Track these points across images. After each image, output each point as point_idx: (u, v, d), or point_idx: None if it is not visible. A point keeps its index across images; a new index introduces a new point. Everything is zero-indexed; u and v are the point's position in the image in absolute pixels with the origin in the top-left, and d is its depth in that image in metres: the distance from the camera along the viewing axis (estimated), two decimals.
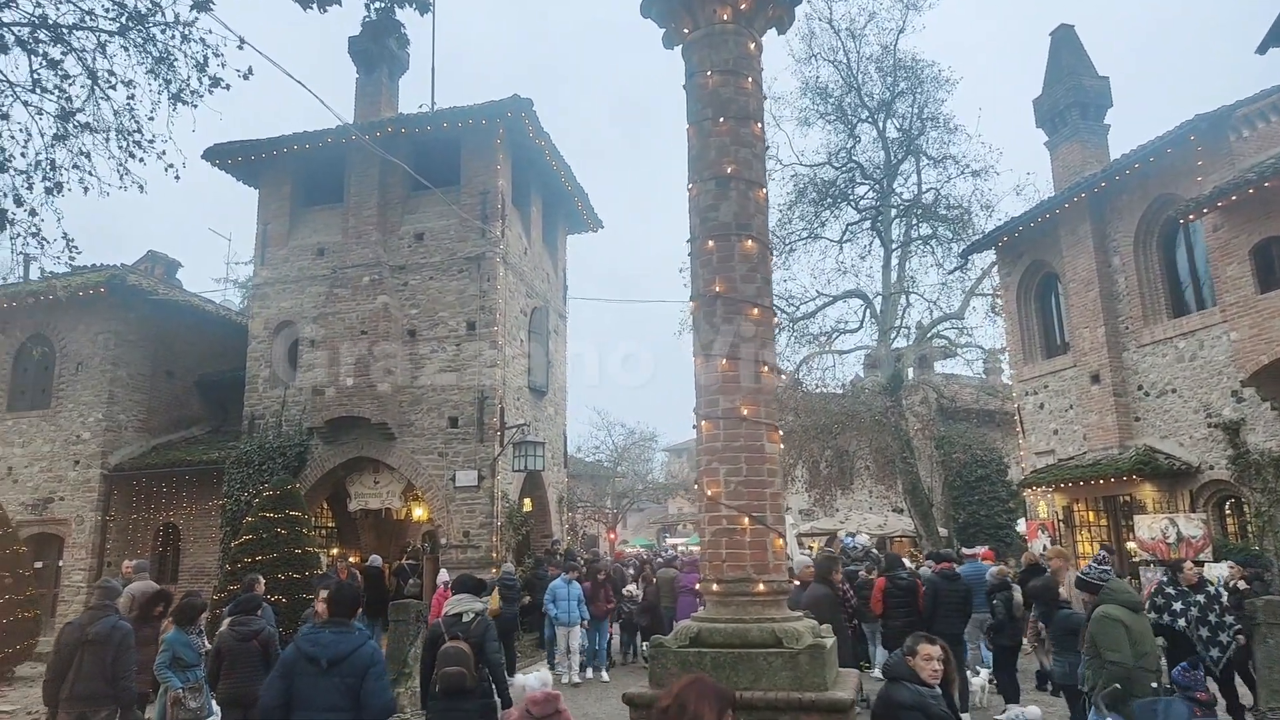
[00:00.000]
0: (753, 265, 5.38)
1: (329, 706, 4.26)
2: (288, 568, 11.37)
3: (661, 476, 61.73)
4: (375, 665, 4.41)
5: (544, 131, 16.53)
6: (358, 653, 4.37)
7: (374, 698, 4.31)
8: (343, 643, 4.41)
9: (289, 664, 4.43)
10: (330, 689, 4.27)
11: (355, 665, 4.32)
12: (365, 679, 4.30)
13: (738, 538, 4.96)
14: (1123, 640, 4.96)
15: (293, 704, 4.31)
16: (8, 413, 17.63)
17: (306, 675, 4.32)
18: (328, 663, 4.31)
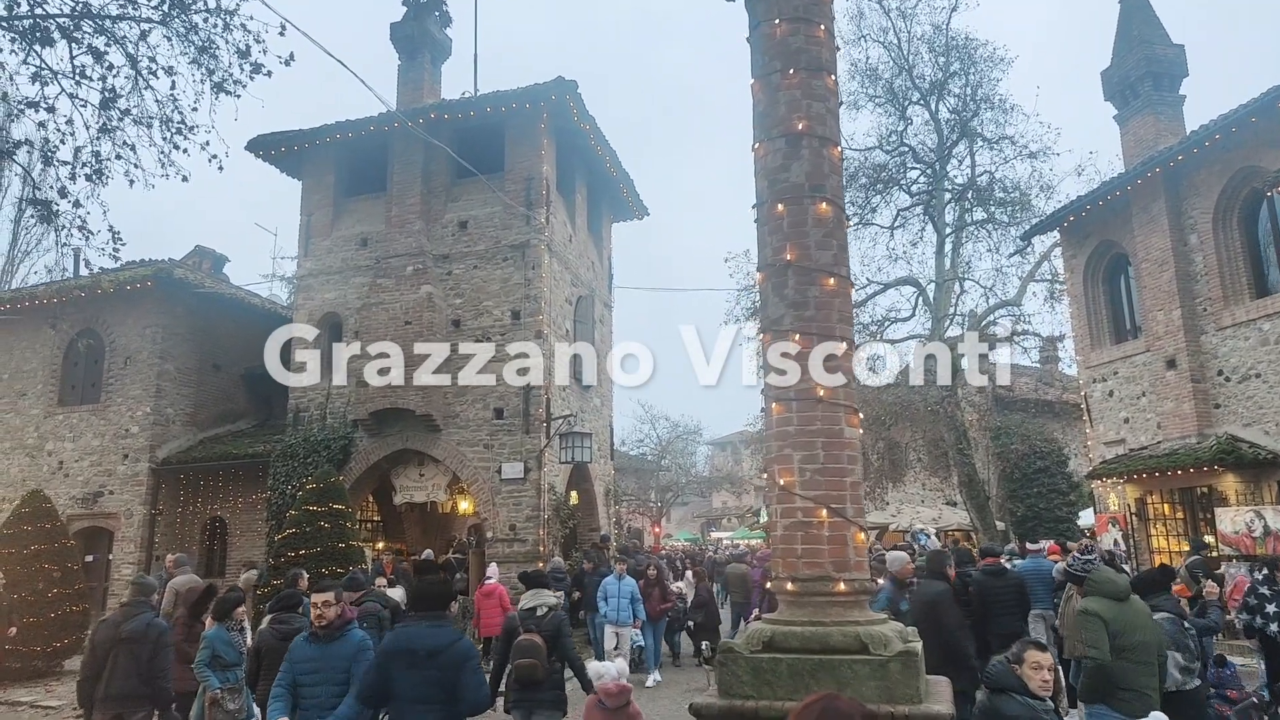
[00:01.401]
0: (828, 230, 4.87)
1: (425, 699, 4.34)
2: (331, 562, 11.11)
3: (705, 470, 61.17)
4: (470, 659, 4.46)
5: (588, 115, 16.10)
6: (454, 646, 4.44)
7: (471, 691, 4.36)
8: (439, 636, 4.48)
9: (385, 657, 4.51)
10: (426, 681, 4.33)
11: (451, 658, 4.37)
12: (461, 672, 4.35)
13: (814, 531, 4.46)
14: (1099, 635, 4.87)
15: (390, 695, 4.43)
16: (58, 407, 17.76)
17: (403, 668, 4.39)
18: (425, 655, 4.37)
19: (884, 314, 25.33)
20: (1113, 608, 5.05)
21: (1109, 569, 5.99)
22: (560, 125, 16.22)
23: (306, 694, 5.00)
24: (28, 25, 8.55)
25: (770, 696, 4.08)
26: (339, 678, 5.01)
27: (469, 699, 4.36)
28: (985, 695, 3.89)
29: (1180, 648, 5.57)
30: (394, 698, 4.41)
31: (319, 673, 5.03)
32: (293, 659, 5.12)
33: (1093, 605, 5.05)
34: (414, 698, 4.33)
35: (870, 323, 24.75)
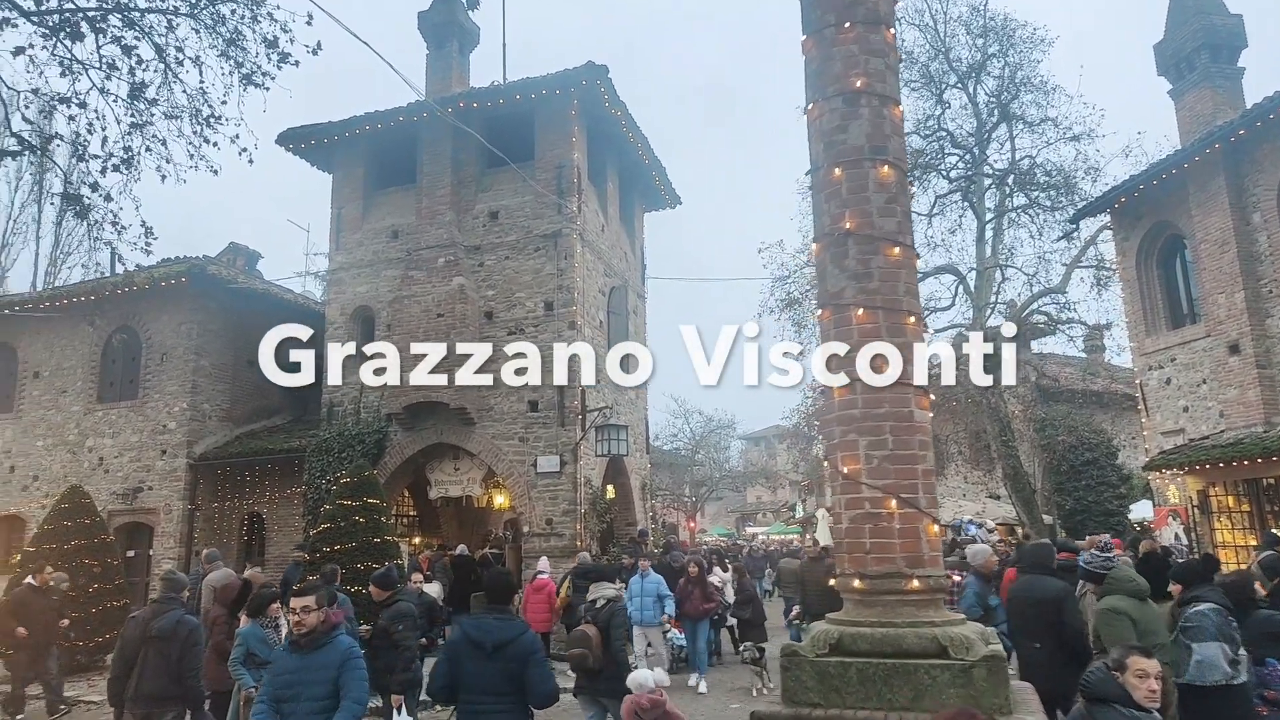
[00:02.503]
0: (890, 195, 4.48)
1: (493, 690, 4.39)
2: (366, 557, 10.90)
3: (739, 465, 60.62)
4: (537, 652, 4.53)
5: (620, 101, 15.74)
6: (521, 639, 4.49)
7: (538, 683, 4.41)
8: (506, 629, 4.53)
9: (454, 648, 4.61)
10: (494, 673, 4.39)
11: (519, 651, 4.42)
12: (529, 664, 4.41)
13: (884, 524, 4.08)
14: (1127, 634, 4.68)
15: (458, 687, 4.48)
16: (98, 404, 17.83)
17: (471, 660, 4.45)
18: (493, 647, 4.42)
19: (923, 303, 24.69)
20: (1137, 606, 4.86)
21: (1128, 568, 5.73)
22: (591, 112, 15.90)
23: (286, 710, 4.47)
24: (57, 20, 8.45)
25: (839, 704, 3.72)
26: (322, 690, 4.47)
27: (536, 691, 4.42)
28: (1083, 706, 3.49)
29: (1226, 640, 5.18)
30: (463, 689, 4.46)
31: (300, 685, 4.48)
32: (273, 670, 4.69)
33: (1119, 604, 4.85)
34: (483, 689, 4.38)
35: None
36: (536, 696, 4.45)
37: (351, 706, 4.43)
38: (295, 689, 4.46)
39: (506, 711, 4.43)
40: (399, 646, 6.66)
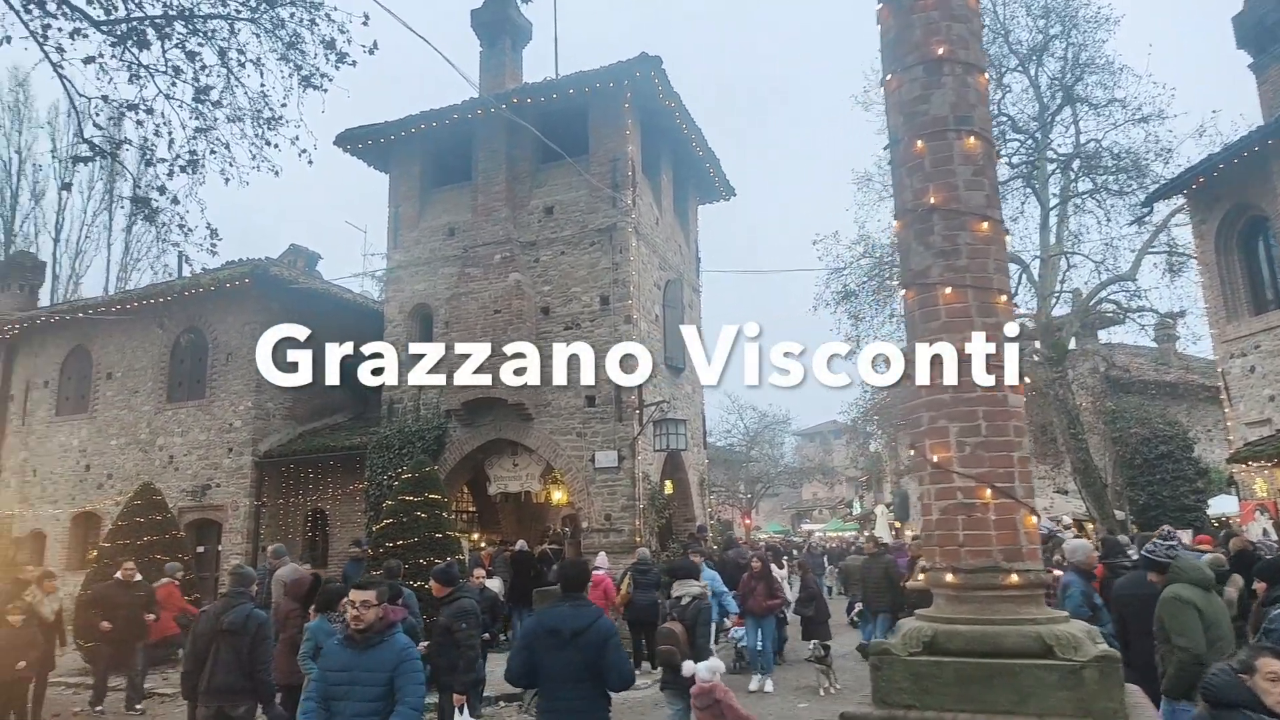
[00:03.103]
0: (977, 168, 4.23)
1: (571, 677, 4.47)
2: (428, 552, 10.90)
3: (794, 461, 59.96)
4: (612, 638, 4.58)
5: (674, 92, 15.56)
6: (596, 626, 4.55)
7: (615, 669, 4.47)
8: (581, 617, 4.60)
9: (530, 636, 4.69)
10: (571, 660, 4.46)
11: (594, 638, 4.49)
12: (604, 651, 4.46)
13: (978, 515, 3.84)
14: (1193, 624, 4.49)
15: (536, 674, 4.58)
16: (167, 404, 18.29)
17: (548, 648, 4.52)
18: (570, 634, 4.49)
19: None
20: (1203, 596, 4.62)
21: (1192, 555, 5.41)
22: (644, 105, 15.75)
23: (336, 708, 4.28)
24: (125, 29, 8.61)
25: (934, 706, 3.50)
26: (375, 691, 4.25)
27: (613, 676, 4.48)
28: (1205, 711, 3.22)
29: None
30: (542, 677, 4.57)
31: (353, 685, 4.28)
32: (324, 666, 4.44)
33: (1185, 592, 4.58)
34: (561, 676, 4.48)
35: None
36: (613, 681, 4.52)
37: (407, 713, 4.22)
38: (347, 687, 4.28)
39: (584, 697, 4.50)
40: (461, 645, 6.50)
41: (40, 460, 19.85)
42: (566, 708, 4.51)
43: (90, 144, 10.09)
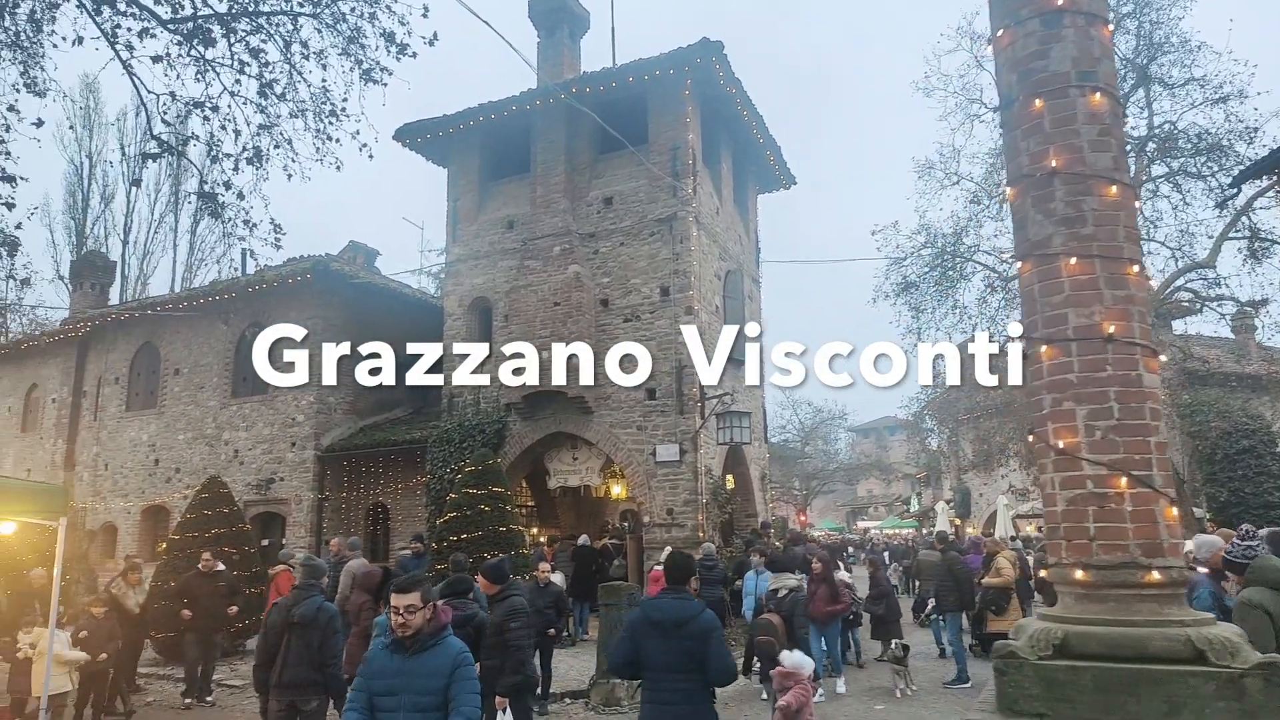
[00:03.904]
0: (1103, 127, 3.86)
1: (674, 668, 4.49)
2: (492, 546, 10.80)
3: (848, 457, 59.01)
4: (716, 630, 4.59)
5: (735, 78, 15.21)
6: (699, 618, 4.57)
7: (718, 660, 4.48)
8: (684, 608, 4.63)
9: (634, 627, 4.73)
10: (675, 651, 4.50)
11: (698, 629, 4.51)
12: (708, 643, 4.48)
13: (1111, 506, 3.49)
14: (1263, 628, 4.17)
15: (639, 665, 4.63)
16: (232, 399, 18.56)
17: (652, 638, 4.57)
18: (673, 625, 4.52)
19: None
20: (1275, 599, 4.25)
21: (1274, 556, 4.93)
22: (705, 92, 15.43)
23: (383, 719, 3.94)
24: (191, 27, 8.68)
25: (1070, 716, 3.17)
26: (428, 701, 3.88)
27: (716, 668, 4.48)
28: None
29: None
30: (645, 667, 4.60)
31: (402, 693, 3.91)
32: (368, 672, 4.05)
33: (1255, 596, 4.24)
34: (665, 667, 4.50)
35: None
36: (716, 673, 4.52)
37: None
38: (395, 696, 3.90)
39: (687, 689, 4.52)
40: (510, 646, 6.11)
41: (111, 454, 20.35)
42: (669, 698, 4.53)
43: (159, 140, 10.20)
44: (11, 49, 8.34)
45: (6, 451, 22.88)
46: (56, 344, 22.30)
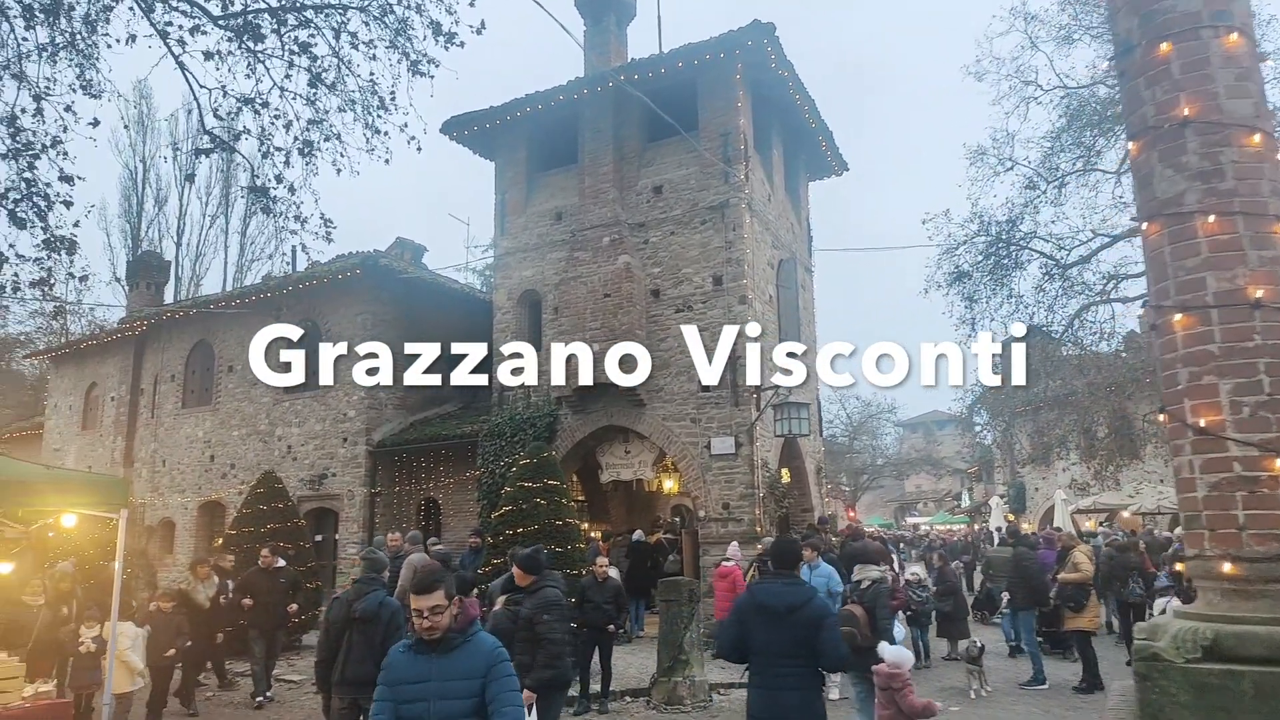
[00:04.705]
0: (1241, 71, 3.47)
1: (784, 653, 4.51)
2: (548, 540, 10.61)
3: (896, 451, 58.02)
4: (827, 616, 4.63)
5: (787, 61, 14.81)
6: (811, 604, 4.60)
7: (830, 647, 4.49)
8: (795, 593, 4.64)
9: (742, 611, 4.75)
10: (786, 637, 4.50)
11: (809, 615, 4.53)
12: (820, 629, 4.49)
13: (1264, 491, 3.11)
14: None
15: (748, 649, 4.65)
16: (285, 395, 18.65)
17: (761, 623, 4.59)
18: (785, 610, 4.52)
19: (1111, 270, 22.32)
20: None
21: None
22: (755, 76, 15.05)
23: None
24: (241, 23, 8.65)
25: None
26: (462, 706, 3.50)
27: (828, 654, 4.50)
28: None
29: None
30: (753, 652, 4.62)
31: (433, 699, 3.51)
32: (390, 679, 3.63)
33: None
34: (775, 652, 4.52)
35: (1096, 280, 21.91)
36: (829, 660, 4.55)
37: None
38: (425, 702, 3.51)
39: (797, 674, 4.51)
40: (542, 640, 5.85)
41: (169, 451, 20.64)
42: (777, 684, 4.53)
43: (211, 135, 10.19)
44: (68, 50, 8.37)
45: (69, 449, 23.38)
46: (114, 343, 22.71)
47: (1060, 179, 21.33)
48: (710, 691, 9.71)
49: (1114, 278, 21.88)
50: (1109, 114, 21.12)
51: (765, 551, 11.74)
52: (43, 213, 8.09)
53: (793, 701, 4.50)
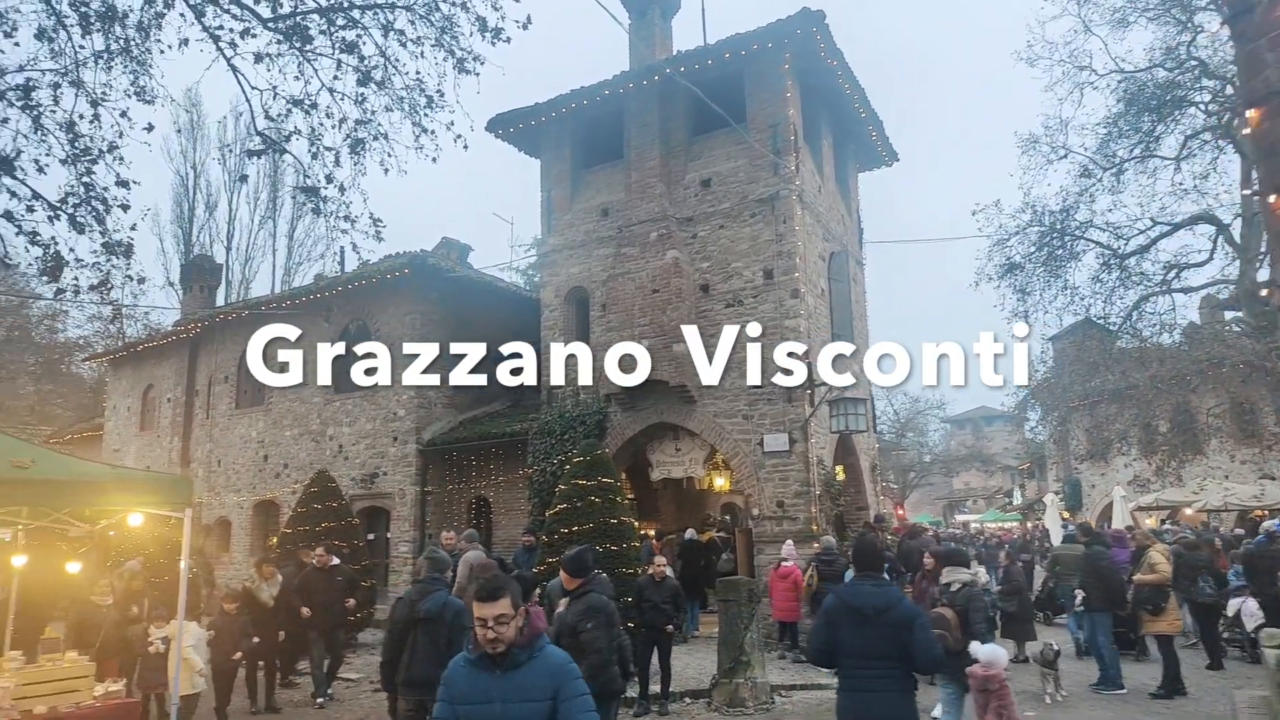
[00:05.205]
0: None
1: (876, 655, 4.45)
2: (604, 538, 10.48)
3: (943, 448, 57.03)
4: (919, 617, 4.58)
5: (836, 49, 14.50)
6: (899, 605, 4.57)
7: (924, 649, 4.44)
8: (885, 595, 4.61)
9: (832, 614, 4.69)
10: (876, 639, 4.46)
11: (900, 617, 4.49)
12: (913, 630, 4.44)
13: None
14: None
15: (837, 652, 4.60)
16: (336, 394, 18.80)
17: (850, 625, 4.54)
18: (874, 612, 4.48)
19: (1170, 259, 21.58)
20: None
21: None
22: (803, 66, 14.77)
23: None
24: (290, 25, 8.69)
25: None
26: None
27: (921, 656, 4.45)
28: None
29: None
30: (842, 655, 4.57)
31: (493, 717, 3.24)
32: (451, 695, 3.35)
33: None
34: (866, 654, 4.46)
35: (1154, 271, 21.20)
36: (922, 661, 4.50)
37: None
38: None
39: (889, 677, 4.46)
40: (586, 649, 5.59)
41: (223, 451, 20.96)
42: (868, 686, 4.47)
43: (263, 136, 10.25)
44: (122, 56, 8.47)
45: (127, 450, 23.89)
46: (170, 345, 23.14)
47: (1118, 166, 20.71)
48: (772, 693, 9.52)
49: (1174, 267, 21.20)
50: (1168, 98, 20.45)
51: (822, 551, 11.54)
52: (101, 217, 8.20)
53: (884, 705, 4.45)
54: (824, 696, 9.99)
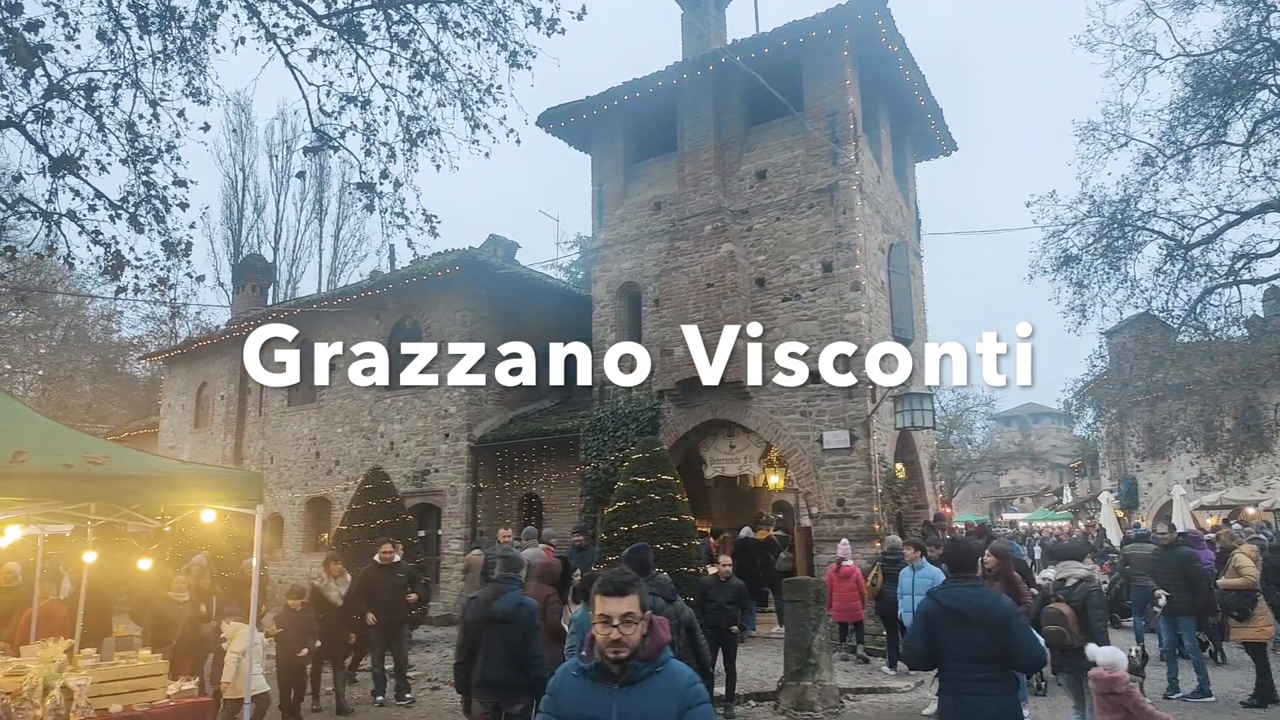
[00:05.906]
0: None
1: (978, 657, 4.43)
2: (665, 537, 10.27)
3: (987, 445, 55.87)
4: (1017, 618, 4.56)
5: (898, 35, 14.11)
6: (998, 606, 4.56)
7: (1025, 649, 4.44)
8: (983, 596, 4.61)
9: (930, 617, 4.68)
10: (974, 640, 4.45)
11: (999, 617, 4.47)
12: (1012, 630, 4.43)
13: None
14: None
15: (938, 655, 4.59)
16: (386, 391, 18.83)
17: (950, 628, 4.53)
18: (974, 613, 4.47)
19: (1237, 250, 20.75)
20: None
21: None
22: (862, 53, 14.39)
23: None
24: (344, 21, 8.65)
25: None
26: None
27: (1023, 656, 4.45)
28: None
29: None
30: (944, 658, 4.55)
31: None
32: (558, 710, 2.91)
33: None
34: (967, 657, 4.44)
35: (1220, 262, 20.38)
36: (1024, 661, 4.52)
37: None
38: None
39: (992, 678, 4.43)
40: None
41: (276, 448, 21.14)
42: (970, 688, 4.44)
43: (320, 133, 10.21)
44: (178, 57, 8.48)
45: (182, 446, 24.24)
46: (222, 344, 23.41)
47: (1185, 153, 19.95)
48: (841, 697, 9.22)
49: (1242, 257, 20.35)
50: (1236, 81, 19.64)
51: (887, 550, 11.19)
52: (161, 215, 8.21)
53: (989, 705, 4.42)
54: (893, 700, 9.67)
